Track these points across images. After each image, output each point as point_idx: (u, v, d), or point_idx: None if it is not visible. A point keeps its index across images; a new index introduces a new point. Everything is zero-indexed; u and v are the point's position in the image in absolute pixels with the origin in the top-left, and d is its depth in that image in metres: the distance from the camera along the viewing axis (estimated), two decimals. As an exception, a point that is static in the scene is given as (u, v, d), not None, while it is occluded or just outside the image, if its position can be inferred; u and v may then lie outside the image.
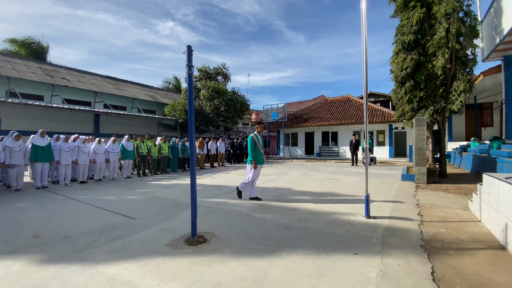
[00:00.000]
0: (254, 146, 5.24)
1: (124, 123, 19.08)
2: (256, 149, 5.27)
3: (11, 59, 16.96)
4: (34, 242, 3.19)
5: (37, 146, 7.04)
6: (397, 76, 8.74)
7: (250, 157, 5.22)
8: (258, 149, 5.30)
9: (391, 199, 5.41)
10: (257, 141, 5.29)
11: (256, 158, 5.24)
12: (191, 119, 3.31)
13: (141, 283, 2.22)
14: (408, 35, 8.25)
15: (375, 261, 2.60)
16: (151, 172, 10.37)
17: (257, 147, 5.28)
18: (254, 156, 5.22)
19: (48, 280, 2.28)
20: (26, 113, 14.15)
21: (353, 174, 9.64)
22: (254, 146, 5.24)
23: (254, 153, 5.22)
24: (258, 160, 5.27)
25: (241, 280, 2.26)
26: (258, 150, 5.30)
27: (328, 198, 5.56)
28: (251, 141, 5.25)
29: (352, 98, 22.56)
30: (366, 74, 4.14)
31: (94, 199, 5.67)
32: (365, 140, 4.34)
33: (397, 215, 4.24)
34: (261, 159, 5.36)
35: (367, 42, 4.09)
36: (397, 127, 17.81)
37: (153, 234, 3.45)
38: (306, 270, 2.43)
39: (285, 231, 3.48)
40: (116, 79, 23.58)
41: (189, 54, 3.18)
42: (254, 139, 5.25)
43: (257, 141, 5.28)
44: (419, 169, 7.49)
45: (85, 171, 8.25)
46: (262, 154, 5.40)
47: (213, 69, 21.66)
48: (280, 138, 23.37)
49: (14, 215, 4.44)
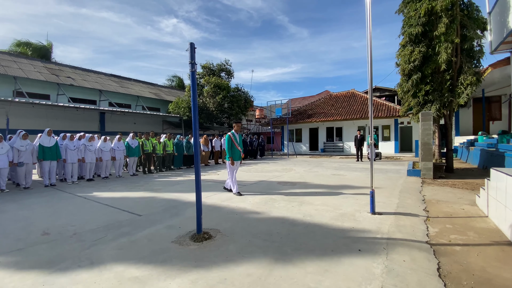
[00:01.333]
0: (231, 145, 5.71)
1: (129, 121, 19.24)
2: (233, 147, 5.74)
3: (17, 59, 17.16)
4: (44, 239, 3.25)
5: (45, 145, 7.14)
6: (404, 69, 8.61)
7: (228, 154, 5.68)
8: (235, 146, 5.76)
9: (397, 194, 5.37)
10: (234, 139, 5.75)
11: (233, 155, 5.71)
12: (195, 116, 3.32)
13: (148, 279, 2.25)
14: (416, 27, 8.10)
15: (380, 257, 2.59)
16: (156, 169, 10.47)
17: (234, 145, 5.76)
18: (232, 153, 5.69)
19: (58, 277, 2.33)
20: (33, 112, 14.36)
21: (358, 170, 9.59)
22: (231, 144, 5.71)
23: (231, 151, 5.70)
24: (235, 157, 5.74)
25: (247, 276, 2.28)
26: (235, 148, 5.77)
27: (333, 194, 5.54)
28: (228, 140, 5.71)
29: (357, 93, 22.33)
30: (371, 68, 4.09)
31: (101, 196, 5.75)
32: (370, 135, 4.30)
33: (402, 211, 4.21)
34: (238, 155, 5.83)
35: (372, 36, 4.03)
36: (402, 122, 17.61)
37: (159, 230, 3.49)
38: (311, 266, 2.44)
39: (290, 228, 3.49)
40: (120, 77, 23.71)
41: (192, 51, 3.18)
42: (231, 137, 5.73)
43: (234, 139, 5.75)
44: (425, 164, 7.41)
45: (91, 168, 8.37)
46: (240, 151, 5.84)
47: (217, 66, 21.61)
48: (284, 134, 23.32)
49: (24, 212, 4.54)
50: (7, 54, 17.61)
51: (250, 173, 9.45)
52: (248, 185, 6.88)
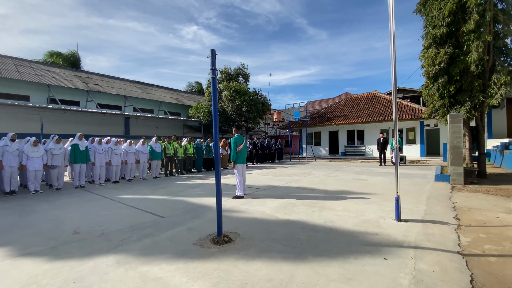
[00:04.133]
0: (235, 148, 5.89)
1: (151, 125, 19.98)
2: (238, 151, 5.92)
3: (51, 68, 18.47)
4: (74, 238, 3.44)
5: (76, 148, 7.59)
6: (428, 72, 8.22)
7: (232, 158, 5.89)
8: (240, 150, 5.93)
9: (424, 201, 5.11)
10: (238, 143, 5.91)
11: (237, 159, 5.91)
12: (216, 121, 3.37)
13: (171, 280, 2.31)
14: (440, 28, 7.72)
15: (408, 267, 2.47)
16: (177, 172, 10.75)
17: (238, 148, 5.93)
18: (235, 157, 5.89)
19: (87, 274, 2.45)
20: (65, 117, 15.33)
21: (381, 175, 9.25)
22: (235, 148, 5.89)
23: (236, 155, 5.88)
24: (238, 161, 5.93)
25: (267, 281, 2.26)
26: (240, 152, 5.94)
27: (355, 199, 5.38)
28: (233, 144, 5.88)
29: (379, 94, 21.64)
30: (395, 69, 3.95)
31: (126, 198, 5.99)
32: (395, 138, 4.14)
33: (431, 218, 3.99)
34: (242, 159, 5.99)
35: (395, 35, 3.90)
36: (429, 124, 16.77)
37: (180, 232, 3.57)
38: (333, 274, 2.37)
39: (310, 233, 3.42)
40: (144, 84, 24.74)
41: (212, 57, 3.25)
42: (235, 142, 5.89)
43: (238, 143, 5.90)
44: (454, 169, 6.99)
45: (117, 171, 8.76)
46: (244, 154, 6.03)
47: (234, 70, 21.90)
48: (303, 137, 23.05)
49: (56, 212, 4.83)
50: (41, 63, 19.02)
51: (268, 176, 9.42)
52: (267, 189, 6.86)
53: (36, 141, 6.89)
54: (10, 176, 6.55)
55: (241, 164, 5.99)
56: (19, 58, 17.52)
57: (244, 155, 6.11)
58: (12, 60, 16.76)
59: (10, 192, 6.56)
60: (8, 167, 6.46)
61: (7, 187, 6.53)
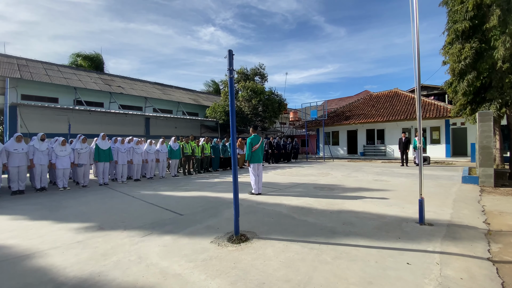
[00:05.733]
0: (250, 148, 6.02)
1: (170, 125, 20.53)
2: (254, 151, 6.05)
3: (77, 72, 19.47)
4: (99, 233, 3.60)
5: (100, 148, 7.95)
6: (454, 68, 7.80)
7: (247, 157, 6.08)
8: (255, 150, 6.04)
9: (450, 204, 4.86)
10: (254, 143, 6.04)
11: (252, 158, 6.04)
12: (233, 121, 3.39)
13: (190, 277, 2.35)
14: (463, 22, 7.29)
15: (433, 273, 2.36)
16: (195, 171, 10.96)
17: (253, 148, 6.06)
18: (250, 157, 6.04)
19: (111, 268, 2.55)
20: (90, 118, 16.12)
21: (403, 176, 8.90)
22: (251, 148, 6.02)
23: (250, 154, 6.02)
24: (253, 160, 6.06)
25: (285, 282, 2.25)
26: (255, 151, 6.06)
27: (375, 201, 5.22)
28: (249, 144, 6.04)
29: (400, 92, 20.83)
30: (419, 65, 3.78)
31: (147, 196, 6.19)
32: (418, 138, 3.96)
33: (457, 222, 3.79)
34: (256, 158, 6.11)
35: (418, 30, 3.74)
36: (455, 123, 15.93)
37: (199, 230, 3.63)
38: (353, 277, 2.31)
39: (329, 235, 3.36)
40: (163, 85, 25.44)
41: (230, 58, 3.27)
42: (251, 142, 6.02)
43: (254, 143, 6.03)
44: (484, 170, 6.59)
45: (138, 170, 9.08)
46: (259, 154, 6.15)
47: (251, 70, 21.94)
48: (320, 137, 22.69)
49: (82, 208, 5.08)
50: (68, 67, 20.09)
51: (285, 176, 9.36)
52: (283, 188, 6.82)
53: (64, 141, 7.29)
54: (40, 174, 6.98)
55: (256, 163, 6.09)
56: (48, 63, 18.61)
57: (260, 155, 6.18)
58: (42, 64, 17.84)
59: (41, 188, 6.98)
60: (38, 165, 6.88)
61: (38, 184, 6.96)
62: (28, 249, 3.08)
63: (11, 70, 14.55)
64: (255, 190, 6.08)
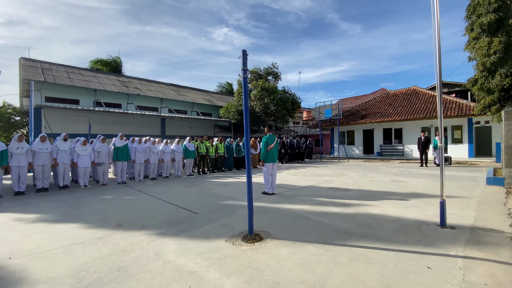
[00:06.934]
0: (265, 147, 6.00)
1: (185, 126, 20.89)
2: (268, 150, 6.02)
3: (97, 74, 20.21)
4: (118, 230, 3.72)
5: (118, 147, 8.22)
6: (484, 63, 7.42)
7: (262, 157, 6.06)
8: (270, 149, 6.02)
9: (474, 206, 4.63)
10: (269, 142, 6.00)
11: (266, 157, 6.02)
12: (247, 121, 3.39)
13: (205, 275, 2.38)
14: (487, 15, 6.92)
15: (455, 278, 2.25)
16: (209, 170, 11.10)
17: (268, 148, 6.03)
18: (265, 156, 6.01)
19: (130, 264, 2.63)
20: (109, 119, 16.68)
21: (422, 176, 8.59)
22: (266, 147, 6.00)
23: (265, 153, 6.00)
24: (268, 160, 6.03)
25: (300, 283, 2.22)
26: (270, 151, 6.03)
27: (393, 202, 5.06)
28: (264, 143, 6.00)
29: (419, 89, 20.12)
30: (440, 61, 3.63)
31: (163, 194, 6.33)
32: (439, 137, 3.80)
33: (482, 225, 3.61)
34: (271, 158, 6.08)
35: (439, 24, 3.58)
36: (478, 122, 15.18)
37: (213, 229, 3.67)
38: (370, 280, 2.25)
39: (344, 236, 3.30)
40: (178, 86, 25.92)
41: (244, 58, 3.28)
42: (266, 141, 5.99)
43: (269, 142, 5.99)
44: (510, 171, 6.23)
45: (155, 169, 9.31)
46: (274, 153, 6.09)
47: (264, 70, 21.90)
48: (334, 136, 22.30)
49: (102, 206, 5.27)
50: (88, 70, 20.90)
51: (298, 176, 9.28)
52: (297, 189, 6.76)
53: (85, 141, 7.59)
54: (63, 172, 7.30)
55: (270, 163, 6.07)
56: (70, 66, 19.44)
57: (275, 154, 6.15)
58: (64, 67, 18.66)
59: (64, 186, 7.30)
60: (61, 164, 7.20)
61: (61, 182, 7.29)
62: (51, 244, 3.22)
63: (36, 73, 15.32)
64: (269, 190, 6.07)
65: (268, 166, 6.06)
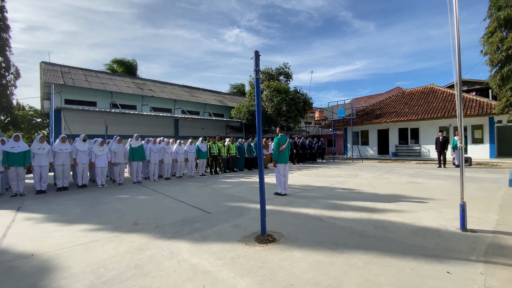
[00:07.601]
0: (277, 148, 5.97)
1: (197, 126, 21.18)
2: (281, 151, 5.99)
3: (113, 77, 20.85)
4: (134, 228, 3.82)
5: (134, 148, 8.44)
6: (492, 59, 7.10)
7: (274, 157, 6.04)
8: (282, 150, 5.99)
9: (496, 209, 4.43)
10: (281, 143, 5.98)
11: (279, 158, 5.99)
12: (259, 121, 3.40)
13: (219, 274, 2.40)
14: (506, 10, 6.60)
15: (476, 284, 2.17)
16: (221, 171, 11.19)
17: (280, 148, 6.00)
18: (277, 157, 5.98)
19: (146, 262, 2.70)
20: (124, 120, 17.16)
21: (440, 178, 8.30)
22: (278, 147, 5.97)
23: (278, 154, 5.97)
24: (280, 160, 6.00)
25: (314, 285, 2.21)
26: (282, 151, 6.00)
27: (410, 205, 4.92)
28: (276, 144, 5.98)
29: (437, 88, 19.44)
30: (459, 58, 3.50)
31: (177, 194, 6.44)
32: (459, 137, 3.66)
33: (504, 229, 3.45)
34: (283, 158, 6.04)
35: (458, 19, 3.45)
36: (500, 121, 14.49)
37: (226, 229, 3.70)
38: (387, 283, 2.20)
39: (359, 239, 3.24)
40: (191, 88, 26.32)
41: (256, 59, 3.29)
42: (278, 142, 5.97)
43: (281, 143, 5.97)
44: (537, 173, 5.91)
45: (169, 169, 9.49)
46: (286, 154, 6.07)
47: (275, 70, 21.85)
48: (348, 136, 21.93)
49: (119, 205, 5.43)
50: (105, 73, 21.59)
51: (311, 177, 9.19)
52: (309, 190, 6.70)
53: (102, 142, 7.84)
54: (82, 172, 7.58)
55: (282, 163, 6.05)
56: (87, 69, 20.16)
57: (287, 155, 6.12)
58: (82, 71, 19.36)
59: (82, 185, 7.58)
60: (80, 164, 7.48)
61: (79, 181, 7.57)
62: (71, 241, 3.35)
63: (55, 77, 15.98)
64: (281, 190, 6.04)
65: (280, 167, 6.04)
